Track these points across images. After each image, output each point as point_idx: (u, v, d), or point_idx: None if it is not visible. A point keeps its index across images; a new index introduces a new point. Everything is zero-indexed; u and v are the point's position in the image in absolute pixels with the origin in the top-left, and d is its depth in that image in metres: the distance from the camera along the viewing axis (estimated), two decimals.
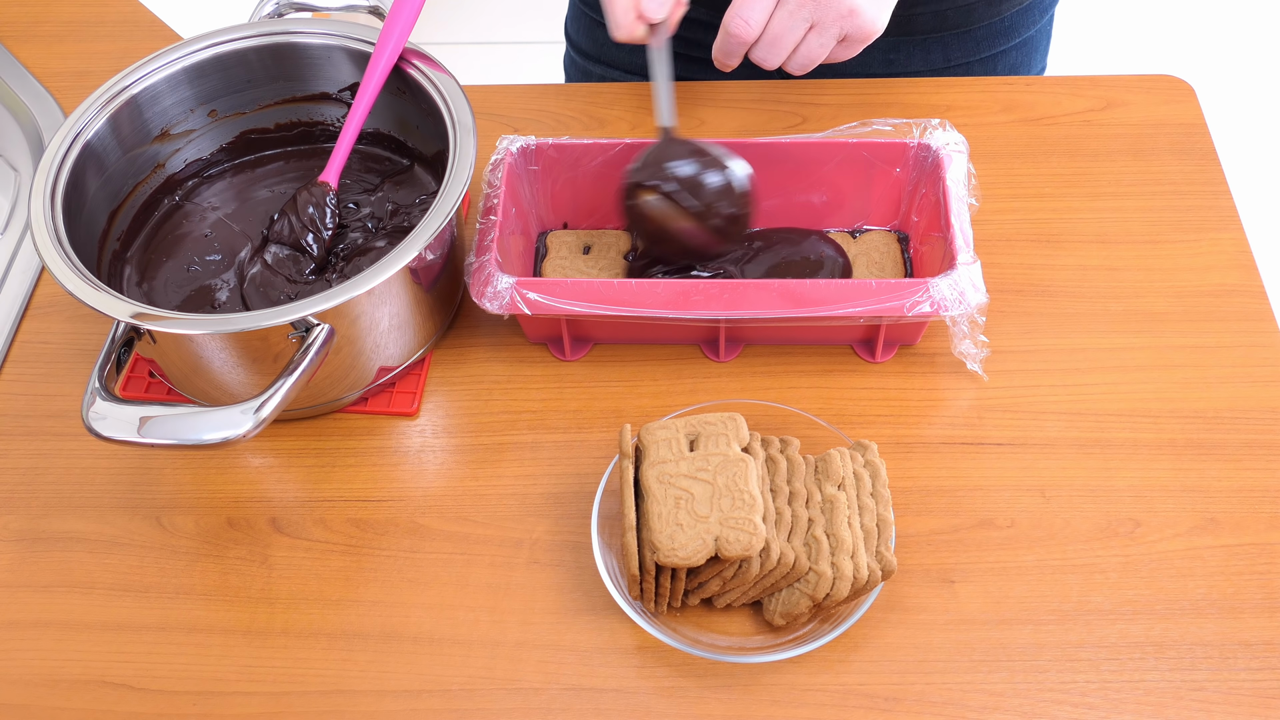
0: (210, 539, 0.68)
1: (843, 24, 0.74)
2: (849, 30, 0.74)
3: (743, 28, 0.74)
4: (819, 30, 0.74)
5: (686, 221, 0.72)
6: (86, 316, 0.78)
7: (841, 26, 0.74)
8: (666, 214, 0.72)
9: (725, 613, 0.64)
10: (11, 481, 0.71)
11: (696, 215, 0.72)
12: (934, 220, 0.74)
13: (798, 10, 0.73)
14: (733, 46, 0.75)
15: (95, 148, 0.73)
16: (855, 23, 0.74)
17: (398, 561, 0.67)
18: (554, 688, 0.62)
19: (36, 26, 0.99)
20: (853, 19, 0.74)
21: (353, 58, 0.77)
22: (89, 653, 0.64)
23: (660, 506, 0.60)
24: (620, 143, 0.76)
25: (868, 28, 0.74)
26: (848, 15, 0.73)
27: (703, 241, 0.73)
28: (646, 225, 0.73)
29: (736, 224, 0.73)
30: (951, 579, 0.65)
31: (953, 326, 0.70)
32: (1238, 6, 2.25)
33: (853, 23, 0.74)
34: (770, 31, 0.74)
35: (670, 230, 0.73)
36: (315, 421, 0.73)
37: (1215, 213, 0.80)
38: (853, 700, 0.61)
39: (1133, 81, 0.88)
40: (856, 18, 0.73)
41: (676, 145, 0.73)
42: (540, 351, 0.75)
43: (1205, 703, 0.60)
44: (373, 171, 0.81)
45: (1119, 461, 0.69)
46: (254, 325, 0.62)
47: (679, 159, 0.72)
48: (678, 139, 0.74)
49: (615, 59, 1.02)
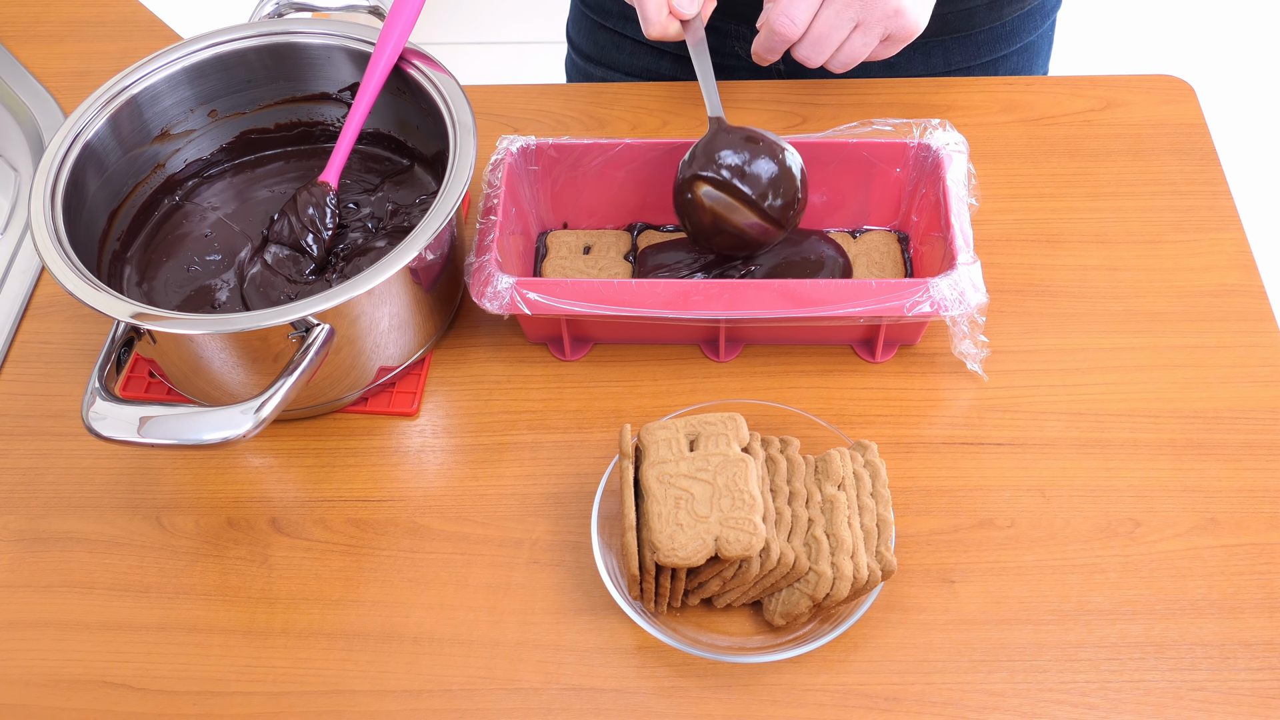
0: (210, 539, 0.68)
1: (887, 23, 0.74)
2: (893, 30, 0.74)
3: (788, 26, 0.73)
4: (863, 29, 0.74)
5: (745, 210, 0.71)
6: (86, 316, 0.78)
7: (886, 26, 0.74)
8: (725, 204, 0.71)
9: (725, 613, 0.64)
10: (11, 481, 0.71)
11: (754, 203, 0.71)
12: (934, 220, 0.74)
13: (844, 9, 0.73)
14: (776, 44, 0.75)
15: (95, 148, 0.73)
16: (900, 22, 0.74)
17: (398, 561, 0.67)
18: (554, 688, 0.62)
19: (36, 26, 0.99)
20: (898, 19, 0.73)
21: (353, 58, 0.77)
22: (89, 653, 0.64)
23: (660, 506, 0.60)
24: (620, 143, 0.76)
25: (910, 27, 0.74)
26: (893, 15, 0.73)
27: (760, 231, 0.72)
28: (702, 217, 0.72)
29: (792, 209, 0.72)
30: (951, 579, 0.65)
31: (953, 326, 0.70)
32: (1238, 6, 2.25)
33: (897, 22, 0.74)
34: (816, 30, 0.74)
35: (729, 222, 0.72)
36: (315, 421, 0.73)
37: (1215, 213, 0.80)
38: (853, 700, 0.61)
39: (1133, 81, 0.88)
40: (901, 17, 0.73)
41: (728, 134, 0.72)
42: (540, 351, 0.75)
43: (1205, 703, 0.60)
44: (373, 171, 0.81)
45: (1119, 461, 0.69)
46: (254, 325, 0.62)
47: (732, 148, 0.71)
48: (729, 127, 0.73)
49: (617, 62, 1.02)
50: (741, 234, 0.72)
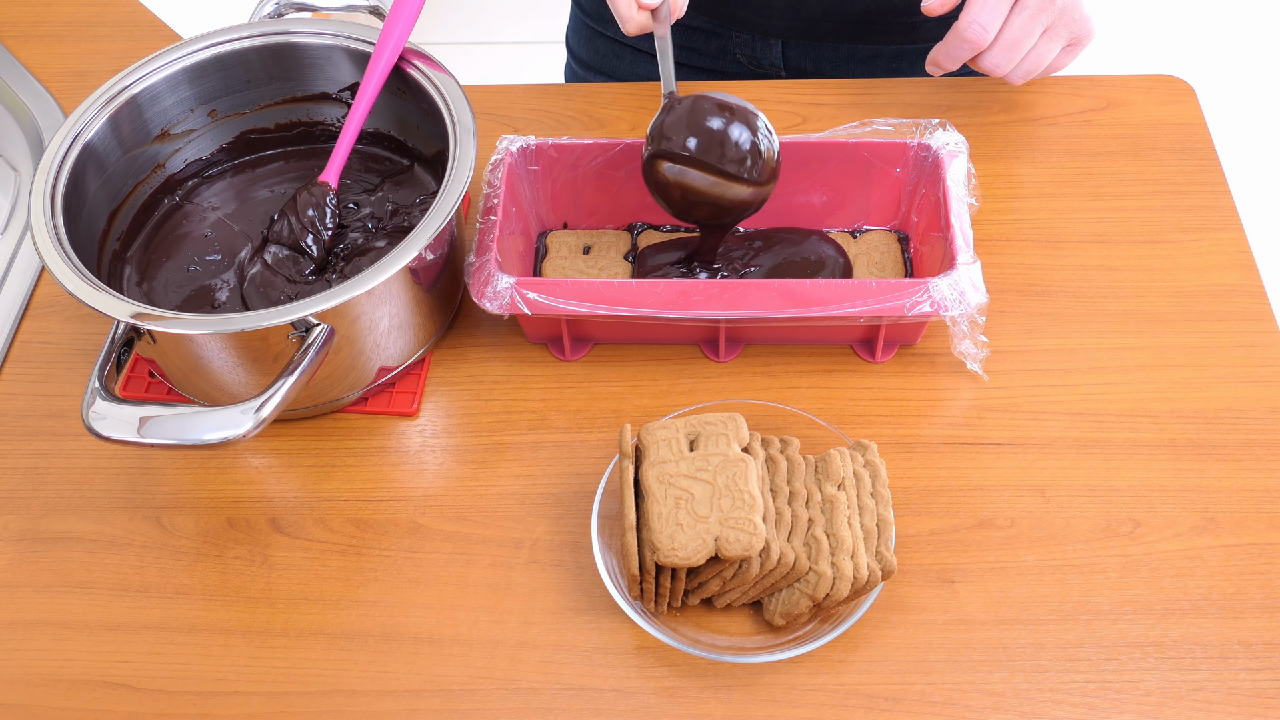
0: (210, 539, 0.68)
1: (1073, 28, 0.73)
2: (1078, 34, 0.73)
3: (979, 32, 0.72)
4: (1050, 35, 0.74)
5: (707, 174, 0.69)
6: (86, 316, 0.78)
7: (1071, 31, 0.73)
8: (683, 174, 0.70)
9: (725, 613, 0.64)
10: (11, 481, 0.71)
11: (711, 165, 0.69)
12: (934, 220, 0.74)
13: (1037, 14, 0.72)
14: (964, 52, 0.74)
15: (95, 148, 0.73)
16: (1086, 28, 0.73)
17: (398, 561, 0.67)
18: (554, 688, 0.62)
19: (36, 26, 0.99)
20: (1084, 24, 0.73)
21: (353, 58, 0.77)
22: (89, 653, 0.64)
23: (660, 506, 0.60)
24: (620, 142, 0.76)
25: (1092, 32, 0.74)
26: (1081, 21, 0.73)
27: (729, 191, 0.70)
28: (671, 194, 0.71)
29: (753, 161, 0.70)
30: (951, 579, 0.65)
31: (953, 326, 0.70)
32: (1238, 6, 2.25)
33: (1084, 27, 0.73)
34: (1007, 37, 0.73)
35: (695, 190, 0.70)
36: (315, 421, 0.73)
37: (1215, 213, 0.80)
38: (853, 700, 0.61)
39: (1133, 81, 0.88)
40: (1087, 23, 0.73)
41: (677, 104, 0.71)
42: (540, 351, 0.75)
43: (1205, 703, 0.60)
44: (373, 171, 0.81)
45: (1119, 461, 0.69)
46: (254, 325, 0.62)
47: (681, 117, 0.70)
48: (678, 99, 0.71)
49: (617, 71, 1.02)
50: (712, 199, 0.70)
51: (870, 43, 0.95)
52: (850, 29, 0.94)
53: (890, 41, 0.95)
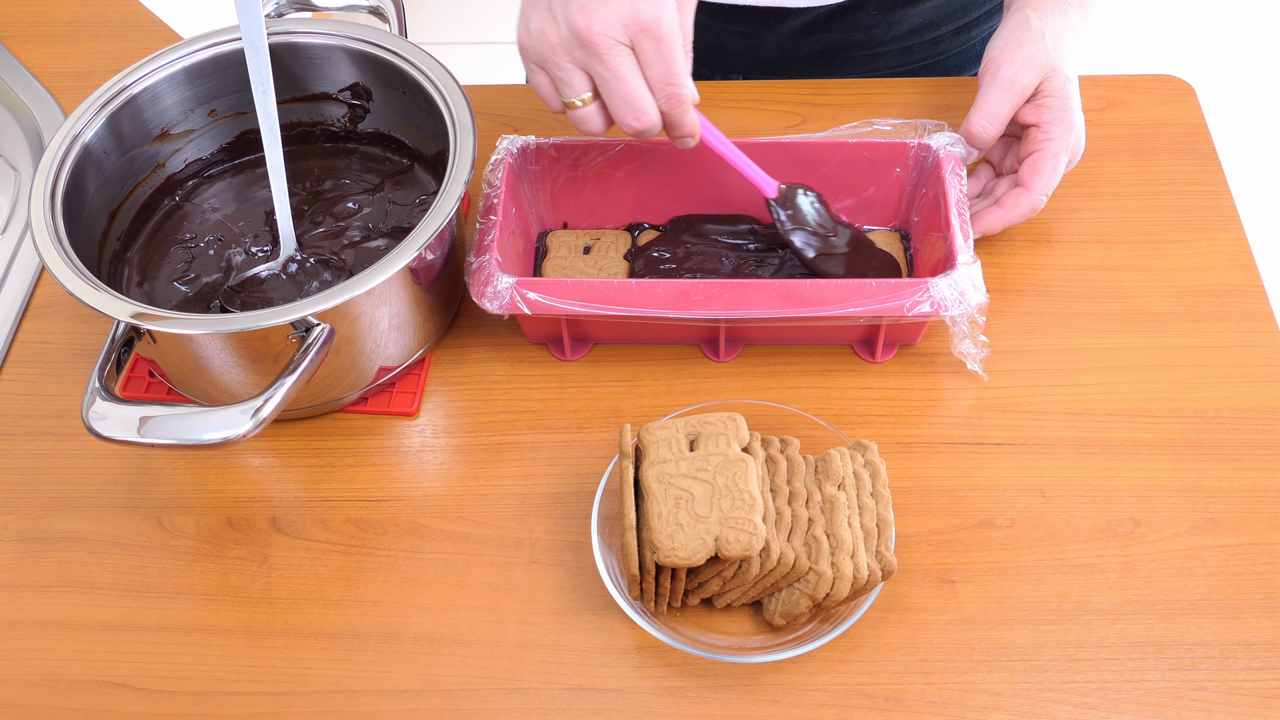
0: (210, 539, 0.68)
1: (1078, 150, 0.77)
2: (1077, 151, 0.77)
3: (1044, 201, 0.75)
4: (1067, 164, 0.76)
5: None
6: (86, 316, 0.78)
7: (1077, 152, 0.77)
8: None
9: (725, 613, 0.64)
10: (11, 481, 0.71)
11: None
12: (934, 220, 0.74)
13: (1067, 158, 0.75)
14: (1028, 214, 0.76)
15: (95, 148, 0.73)
16: (1080, 145, 0.77)
17: (398, 561, 0.67)
18: (554, 688, 0.62)
19: (36, 26, 0.99)
20: (1080, 142, 0.76)
21: (353, 58, 0.77)
22: (89, 653, 0.64)
23: (660, 506, 0.60)
24: (620, 142, 0.76)
25: (1081, 150, 0.78)
26: (1080, 139, 0.76)
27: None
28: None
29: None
30: (951, 579, 0.65)
31: (953, 326, 0.70)
32: (1238, 6, 2.25)
33: (1080, 145, 0.77)
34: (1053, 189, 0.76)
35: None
36: (315, 421, 0.73)
37: (1215, 213, 0.80)
38: (853, 700, 0.61)
39: (1133, 81, 0.88)
40: (1081, 140, 0.76)
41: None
42: (540, 351, 0.75)
43: (1205, 703, 0.60)
44: (373, 171, 0.81)
45: (1119, 461, 0.69)
46: (254, 325, 0.62)
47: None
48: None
49: None
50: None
51: (833, 77, 0.96)
52: (809, 65, 0.95)
53: (853, 75, 0.95)
